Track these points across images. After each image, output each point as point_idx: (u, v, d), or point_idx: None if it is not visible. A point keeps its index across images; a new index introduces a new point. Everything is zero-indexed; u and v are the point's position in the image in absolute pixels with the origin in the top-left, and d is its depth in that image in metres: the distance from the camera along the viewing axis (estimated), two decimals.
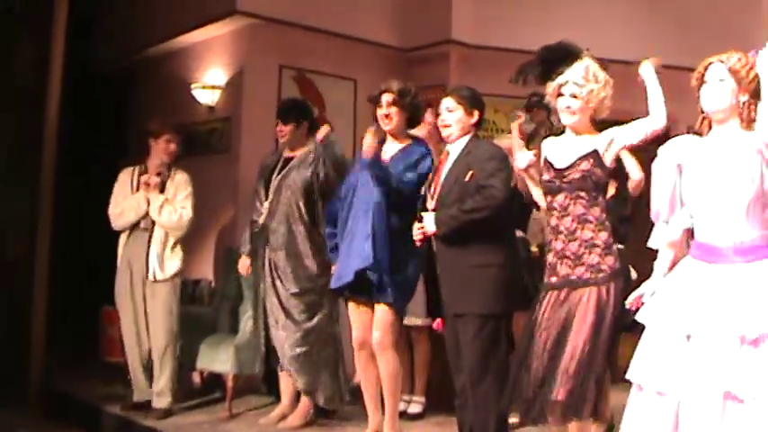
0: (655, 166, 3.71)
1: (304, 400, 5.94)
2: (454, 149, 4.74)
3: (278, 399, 6.21)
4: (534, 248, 6.22)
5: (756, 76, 3.41)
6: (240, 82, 8.21)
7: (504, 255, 4.62)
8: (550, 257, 4.13)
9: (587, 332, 3.86)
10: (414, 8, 8.81)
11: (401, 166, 5.03)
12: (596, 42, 5.50)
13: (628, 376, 3.58)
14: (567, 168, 4.08)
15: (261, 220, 6.00)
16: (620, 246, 4.37)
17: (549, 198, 4.16)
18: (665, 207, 3.62)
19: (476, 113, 4.77)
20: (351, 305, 5.28)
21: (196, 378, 6.98)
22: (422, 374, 6.14)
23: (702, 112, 3.56)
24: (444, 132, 4.78)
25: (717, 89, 3.47)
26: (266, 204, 5.97)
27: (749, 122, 3.43)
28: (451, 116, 4.73)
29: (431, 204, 4.67)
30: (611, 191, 4.73)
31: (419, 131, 5.45)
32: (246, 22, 8.04)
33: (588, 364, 3.84)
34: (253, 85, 8.17)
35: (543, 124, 7.07)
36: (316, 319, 5.85)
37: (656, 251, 3.82)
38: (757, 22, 8.90)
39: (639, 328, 3.62)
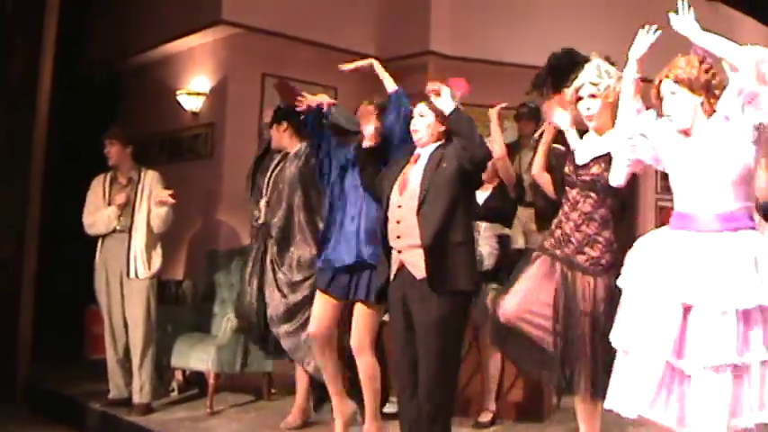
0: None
1: (301, 396, 5.97)
2: (425, 152, 4.70)
3: (260, 397, 6.36)
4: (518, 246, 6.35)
5: (705, 69, 3.54)
6: (224, 89, 8.40)
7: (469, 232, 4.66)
8: (558, 233, 4.29)
9: (586, 318, 4.07)
10: (394, 20, 8.99)
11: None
12: None
13: (612, 341, 3.69)
14: (583, 167, 4.24)
15: (261, 218, 6.07)
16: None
17: (566, 187, 4.33)
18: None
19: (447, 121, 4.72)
20: (321, 295, 5.29)
21: (179, 376, 7.10)
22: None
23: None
24: (414, 137, 4.73)
25: (671, 103, 3.60)
26: (263, 201, 6.05)
27: (711, 113, 3.56)
28: (422, 121, 4.69)
29: (397, 201, 4.62)
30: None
31: None
32: (231, 31, 8.22)
33: (592, 350, 4.05)
34: (236, 93, 8.36)
35: (530, 135, 7.27)
36: (306, 295, 5.75)
37: None
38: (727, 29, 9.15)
39: None
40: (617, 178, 4.00)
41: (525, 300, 4.22)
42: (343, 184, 5.31)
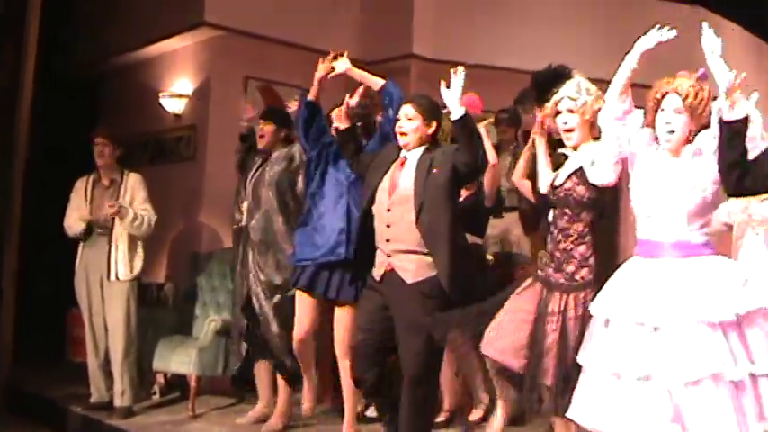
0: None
1: (283, 400, 5.95)
2: (412, 156, 4.70)
3: (242, 400, 6.37)
4: (489, 256, 6.35)
5: (708, 108, 3.60)
6: (206, 91, 8.39)
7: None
8: (546, 254, 4.35)
9: (556, 335, 4.09)
10: (376, 23, 8.99)
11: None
12: (549, 59, 5.74)
13: (579, 359, 3.80)
14: (559, 186, 4.30)
15: (243, 220, 6.07)
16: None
17: (551, 207, 4.39)
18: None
19: (434, 124, 4.71)
20: (302, 295, 5.33)
21: (160, 379, 7.08)
22: None
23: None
24: (401, 140, 4.72)
25: (672, 121, 3.66)
26: (245, 204, 6.04)
27: (691, 141, 3.65)
28: (409, 124, 4.68)
29: (386, 203, 4.64)
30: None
31: None
32: (214, 33, 8.22)
33: (561, 365, 4.06)
34: (219, 95, 8.35)
35: (510, 140, 7.33)
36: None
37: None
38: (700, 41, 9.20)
39: None
40: (606, 176, 4.05)
41: (509, 341, 4.24)
42: (324, 180, 5.33)
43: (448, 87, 4.46)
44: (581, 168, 4.18)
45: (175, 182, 8.25)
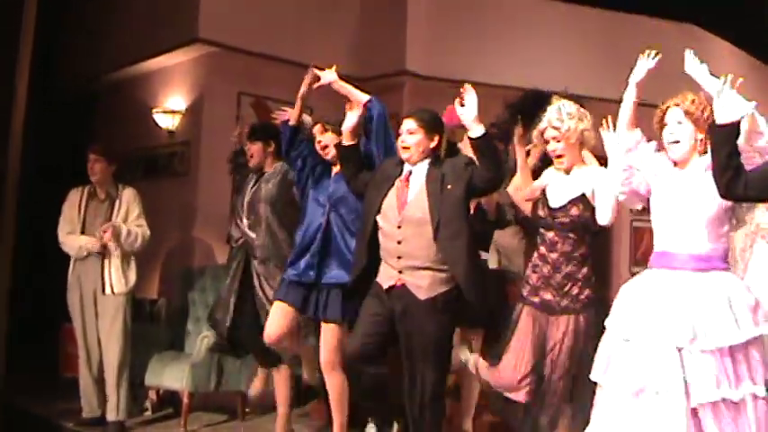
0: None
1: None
2: (417, 170, 4.71)
3: (234, 416, 6.36)
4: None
5: (711, 114, 3.61)
6: (200, 107, 8.41)
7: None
8: (534, 278, 4.41)
9: (566, 356, 4.19)
10: (370, 39, 9.06)
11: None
12: (541, 76, 5.79)
13: (592, 376, 3.82)
14: (559, 209, 4.36)
15: (244, 235, 6.04)
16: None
17: (541, 229, 4.43)
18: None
19: (436, 137, 4.72)
20: (279, 304, 5.33)
21: (152, 395, 7.06)
22: None
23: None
24: (404, 154, 4.72)
25: (675, 131, 3.74)
26: (245, 221, 6.02)
27: (704, 152, 3.69)
28: (411, 138, 4.69)
29: (396, 220, 4.64)
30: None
31: None
32: (207, 49, 8.24)
33: (569, 384, 4.17)
34: (212, 111, 8.37)
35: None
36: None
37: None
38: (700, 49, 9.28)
39: None
40: (604, 215, 4.12)
41: (515, 371, 4.34)
42: (307, 199, 5.38)
43: (462, 106, 4.47)
44: (583, 195, 4.28)
45: (169, 197, 8.26)
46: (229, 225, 6.61)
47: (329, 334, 5.16)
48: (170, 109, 8.57)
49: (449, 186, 4.58)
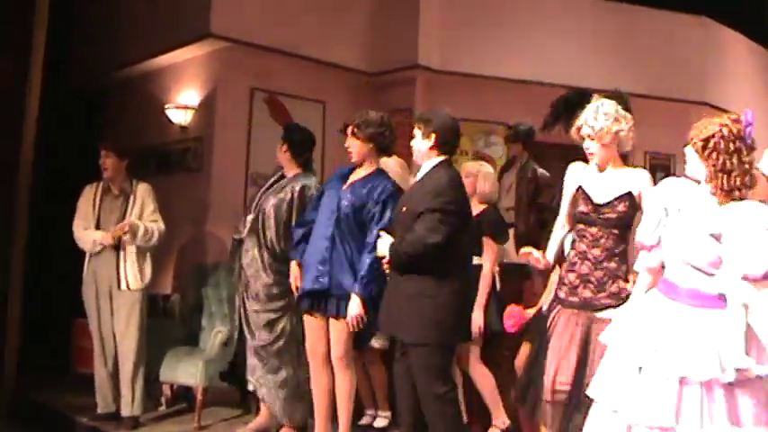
0: (645, 204, 4.04)
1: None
2: (419, 174, 4.81)
3: (248, 411, 6.42)
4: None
5: (717, 147, 3.52)
6: (213, 103, 8.40)
7: (438, 287, 4.60)
8: (572, 277, 4.37)
9: None
10: (382, 34, 9.03)
11: (363, 190, 5.17)
12: (555, 70, 5.79)
13: (588, 392, 3.83)
14: (605, 206, 4.32)
15: (242, 235, 6.06)
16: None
17: (581, 225, 4.38)
18: (648, 239, 3.79)
19: (432, 136, 4.70)
20: (306, 317, 5.39)
21: (166, 390, 7.07)
22: (381, 389, 6.14)
23: None
24: (413, 157, 4.90)
25: (689, 163, 3.68)
26: (250, 217, 6.03)
27: (728, 192, 3.53)
28: (413, 141, 4.79)
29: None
30: None
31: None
32: (220, 45, 8.23)
33: None
34: (225, 107, 8.36)
35: (519, 156, 7.36)
36: (272, 338, 5.87)
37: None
38: (706, 51, 9.24)
39: None
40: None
41: (557, 377, 4.30)
42: (319, 208, 5.38)
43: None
44: (630, 193, 4.27)
45: (182, 193, 8.27)
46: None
47: (338, 330, 5.18)
48: (183, 104, 8.56)
49: (404, 209, 4.73)
